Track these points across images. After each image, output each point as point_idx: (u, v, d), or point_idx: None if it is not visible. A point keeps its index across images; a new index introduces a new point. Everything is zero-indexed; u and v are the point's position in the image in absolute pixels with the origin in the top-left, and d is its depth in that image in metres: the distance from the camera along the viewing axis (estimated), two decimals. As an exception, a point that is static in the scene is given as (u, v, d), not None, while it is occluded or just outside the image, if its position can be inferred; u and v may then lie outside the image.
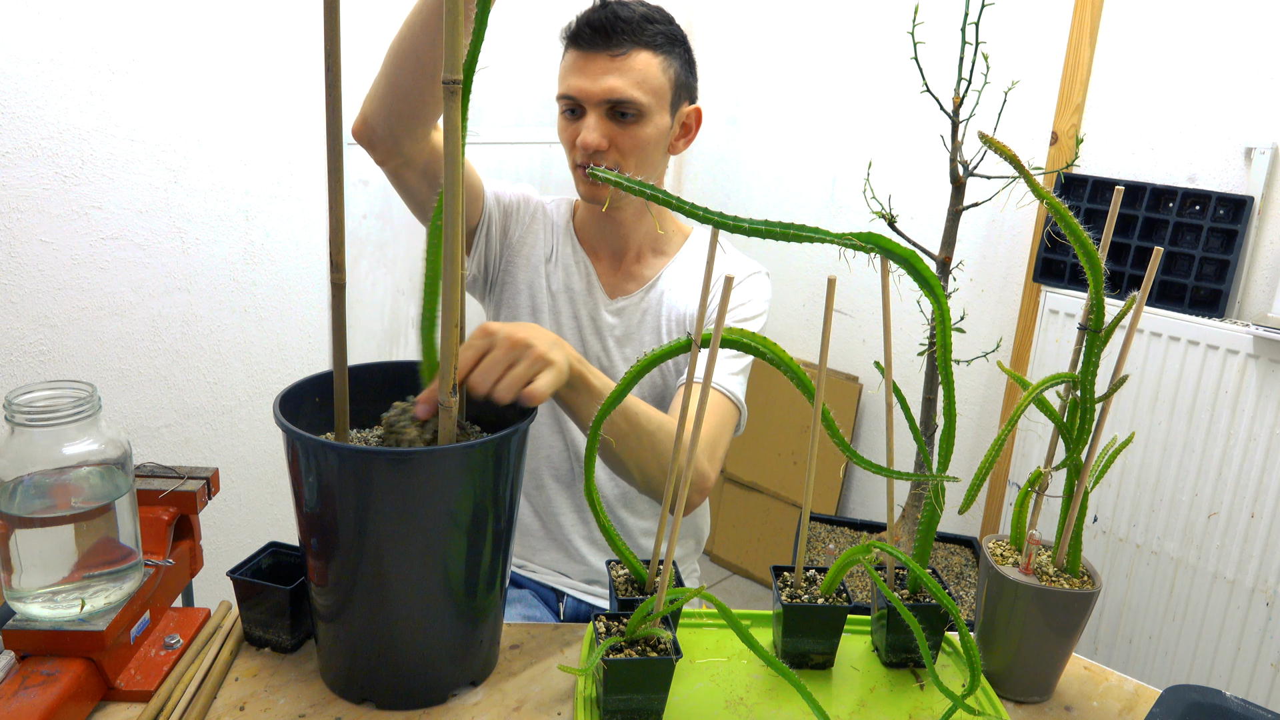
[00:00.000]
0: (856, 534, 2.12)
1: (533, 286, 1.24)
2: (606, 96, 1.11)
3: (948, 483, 0.78)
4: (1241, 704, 0.77)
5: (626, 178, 0.65)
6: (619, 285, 1.25)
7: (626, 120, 1.13)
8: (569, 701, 0.81)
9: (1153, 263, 0.76)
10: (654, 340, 1.22)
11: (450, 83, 0.67)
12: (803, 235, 0.65)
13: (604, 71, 1.11)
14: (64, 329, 1.61)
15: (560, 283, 1.24)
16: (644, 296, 1.23)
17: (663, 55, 1.14)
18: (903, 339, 2.31)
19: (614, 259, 1.26)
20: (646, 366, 0.76)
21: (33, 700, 0.69)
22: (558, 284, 1.24)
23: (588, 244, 1.27)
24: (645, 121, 1.14)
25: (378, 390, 0.86)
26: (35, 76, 1.49)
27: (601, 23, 1.11)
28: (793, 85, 2.53)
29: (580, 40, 1.13)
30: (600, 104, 1.12)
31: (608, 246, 1.26)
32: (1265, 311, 1.77)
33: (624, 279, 1.25)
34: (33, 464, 0.72)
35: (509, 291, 1.25)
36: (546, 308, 1.24)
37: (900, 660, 0.88)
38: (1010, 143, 0.77)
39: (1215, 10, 1.78)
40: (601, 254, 1.27)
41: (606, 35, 1.11)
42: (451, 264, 0.71)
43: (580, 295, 1.24)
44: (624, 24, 1.11)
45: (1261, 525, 1.74)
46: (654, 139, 1.15)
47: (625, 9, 1.12)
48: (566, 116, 1.16)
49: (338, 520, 0.74)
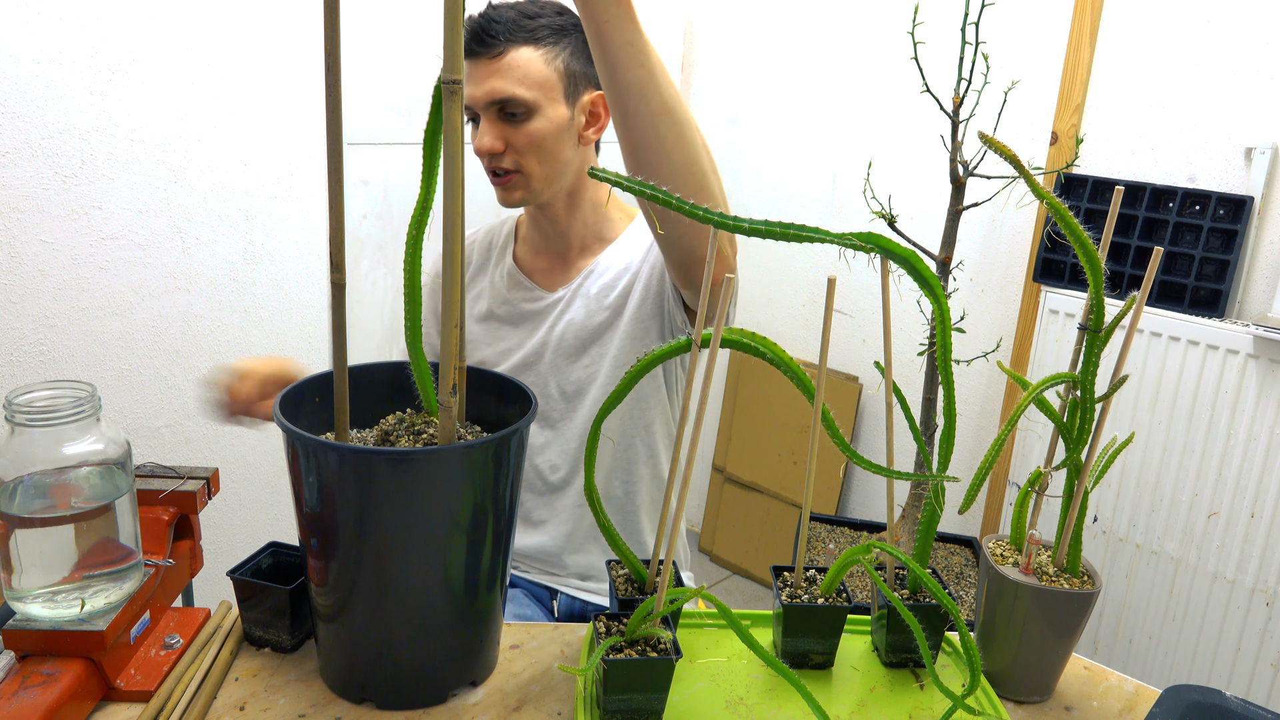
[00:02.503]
0: (856, 534, 2.12)
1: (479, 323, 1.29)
2: (490, 98, 1.12)
3: (948, 483, 0.78)
4: (1241, 704, 0.77)
5: (626, 177, 0.65)
6: (559, 280, 1.27)
7: (517, 119, 1.13)
8: (569, 701, 0.81)
9: (1153, 263, 0.76)
10: (584, 316, 1.22)
11: (450, 83, 0.67)
12: (803, 235, 0.65)
13: (486, 75, 1.12)
14: (64, 329, 1.61)
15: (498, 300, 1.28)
16: (582, 281, 1.24)
17: (546, 47, 1.13)
18: (903, 339, 2.31)
19: (559, 257, 1.28)
20: (647, 366, 0.76)
21: (33, 700, 0.69)
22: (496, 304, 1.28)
23: (532, 248, 1.29)
24: (536, 116, 1.13)
25: (378, 390, 0.86)
26: (35, 76, 1.49)
27: (476, 28, 1.12)
28: (793, 85, 2.53)
29: (468, 51, 1.13)
30: (488, 107, 1.13)
31: (551, 247, 1.28)
32: (1265, 311, 1.77)
33: (567, 272, 1.27)
34: (33, 464, 0.72)
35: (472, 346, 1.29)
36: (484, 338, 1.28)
37: (900, 660, 0.88)
38: (1010, 143, 0.77)
39: (1215, 10, 1.78)
40: (547, 254, 1.28)
41: (482, 40, 1.11)
42: (451, 264, 0.71)
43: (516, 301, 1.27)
44: (498, 25, 1.11)
45: (1261, 525, 1.74)
46: (551, 133, 1.15)
47: (501, 10, 1.13)
48: (471, 128, 1.17)
49: (338, 520, 0.74)
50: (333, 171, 0.71)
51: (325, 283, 1.98)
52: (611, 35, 0.86)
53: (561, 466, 1.25)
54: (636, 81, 0.88)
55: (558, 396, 1.24)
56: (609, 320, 1.21)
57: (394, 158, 2.01)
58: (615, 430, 1.23)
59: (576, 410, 1.24)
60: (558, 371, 1.24)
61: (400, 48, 2.00)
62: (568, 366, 1.23)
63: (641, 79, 0.88)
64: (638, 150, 0.91)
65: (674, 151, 0.91)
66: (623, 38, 0.86)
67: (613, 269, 1.23)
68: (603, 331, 1.21)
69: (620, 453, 1.24)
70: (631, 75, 0.87)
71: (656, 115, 0.89)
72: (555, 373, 1.24)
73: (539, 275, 1.28)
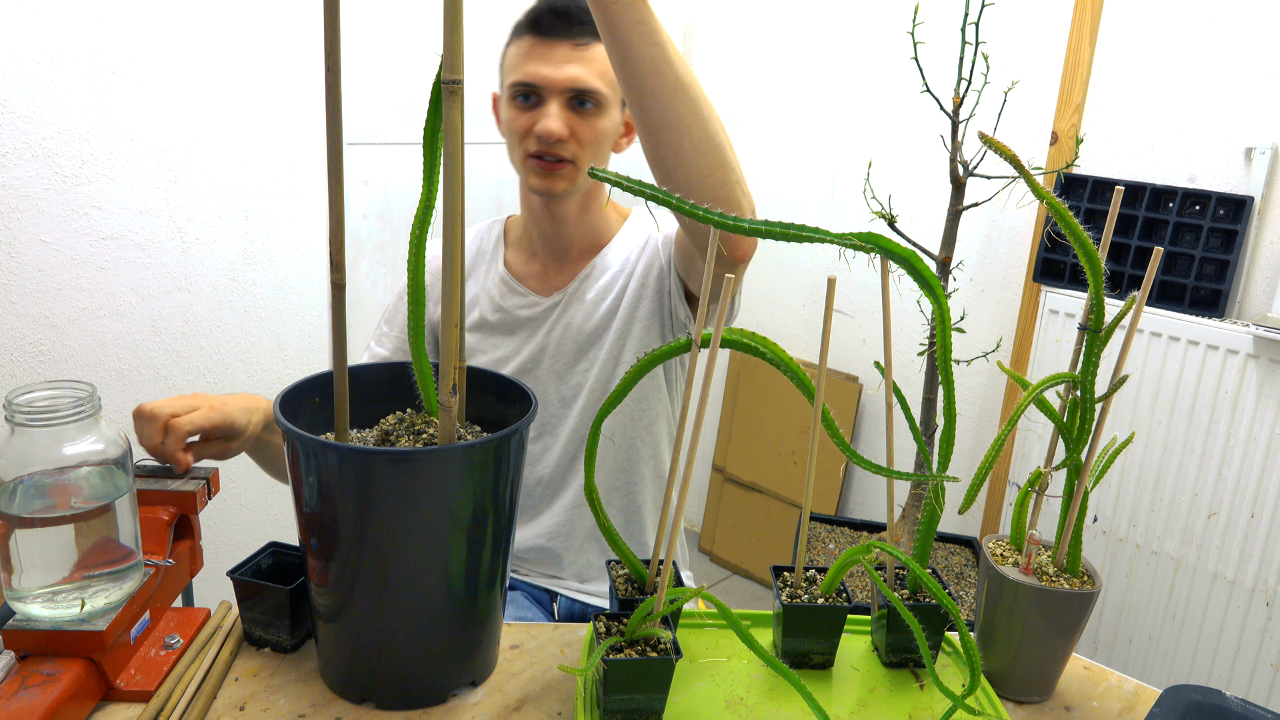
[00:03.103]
0: (856, 534, 2.12)
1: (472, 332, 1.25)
2: (571, 85, 1.10)
3: (948, 483, 0.78)
4: (1241, 704, 0.77)
5: (627, 178, 0.65)
6: (555, 284, 1.24)
7: (586, 111, 1.12)
8: (569, 701, 0.81)
9: (1153, 263, 0.76)
10: (581, 320, 1.21)
11: (450, 83, 0.67)
12: (803, 235, 0.65)
13: (567, 60, 1.10)
14: (64, 329, 1.61)
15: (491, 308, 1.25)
16: (579, 284, 1.22)
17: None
18: (903, 339, 2.31)
19: (555, 260, 1.25)
20: (647, 366, 0.76)
21: (33, 700, 0.69)
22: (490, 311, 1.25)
23: (525, 252, 1.26)
24: (603, 114, 1.13)
25: (378, 390, 0.86)
26: (35, 76, 1.49)
27: (566, 9, 1.09)
28: (792, 86, 2.53)
29: (541, 27, 1.10)
30: (563, 93, 1.10)
31: (547, 249, 1.25)
32: (1265, 311, 1.77)
33: (563, 275, 1.24)
34: (33, 464, 0.72)
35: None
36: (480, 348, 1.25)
37: (900, 660, 0.88)
38: (1010, 143, 0.77)
39: (1215, 10, 1.78)
40: (542, 257, 1.25)
41: (570, 23, 1.09)
42: (451, 264, 0.71)
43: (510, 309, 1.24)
44: (585, 14, 1.09)
45: (1261, 525, 1.74)
46: (609, 133, 1.14)
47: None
48: (518, 105, 1.13)
49: (338, 520, 0.74)
50: (333, 171, 0.71)
51: (325, 283, 1.98)
52: (623, 15, 0.86)
53: (561, 468, 1.25)
54: (650, 60, 0.87)
55: (556, 401, 1.23)
56: (606, 322, 1.20)
57: (394, 158, 2.01)
58: (617, 430, 1.23)
59: (572, 413, 1.23)
60: (556, 377, 1.23)
61: (400, 48, 2.00)
62: (566, 371, 1.22)
63: (655, 57, 0.87)
64: (656, 131, 0.90)
65: (693, 127, 0.90)
66: (635, 17, 0.86)
67: (609, 270, 1.21)
68: (601, 333, 1.20)
69: (623, 452, 1.24)
70: (645, 54, 0.87)
71: (673, 92, 0.88)
72: (554, 378, 1.23)
73: (532, 280, 1.25)
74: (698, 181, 0.91)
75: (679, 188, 0.92)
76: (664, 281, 1.18)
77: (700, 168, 0.91)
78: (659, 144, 0.91)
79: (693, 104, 0.89)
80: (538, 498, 1.26)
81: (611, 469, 1.24)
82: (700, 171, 0.91)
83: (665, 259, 1.18)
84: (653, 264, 1.19)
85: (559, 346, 1.22)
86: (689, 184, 0.91)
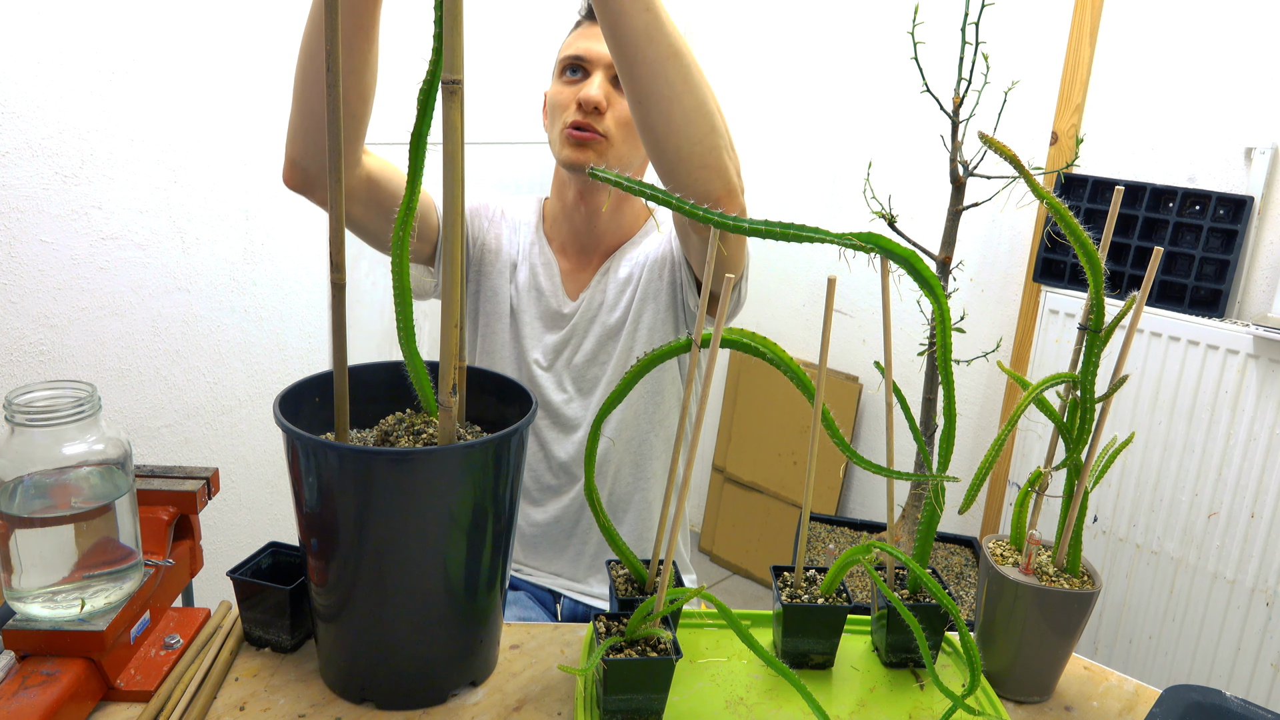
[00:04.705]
0: (856, 534, 2.12)
1: (503, 291, 1.24)
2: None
3: (948, 483, 0.78)
4: (1241, 704, 0.77)
5: (626, 178, 0.65)
6: (582, 280, 1.25)
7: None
8: (569, 701, 0.81)
9: (1153, 263, 0.76)
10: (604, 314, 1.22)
11: (450, 83, 0.67)
12: (803, 235, 0.65)
13: None
14: (64, 329, 1.61)
15: (528, 282, 1.24)
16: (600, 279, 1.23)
17: None
18: (903, 339, 2.31)
19: (582, 256, 1.25)
20: (647, 366, 0.76)
21: (33, 700, 0.69)
22: (526, 283, 1.24)
23: (556, 242, 1.26)
24: None
25: (378, 390, 0.86)
26: (35, 76, 1.49)
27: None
28: (792, 85, 2.53)
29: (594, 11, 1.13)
30: (608, 67, 1.13)
31: (577, 243, 1.25)
32: (1265, 311, 1.77)
33: (587, 271, 1.25)
34: (33, 464, 0.72)
35: (483, 298, 1.25)
36: (518, 308, 1.24)
37: (900, 660, 0.88)
38: (1010, 143, 0.77)
39: (1215, 10, 1.78)
40: (570, 251, 1.26)
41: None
42: (451, 264, 0.71)
43: (547, 294, 1.24)
44: None
45: (1261, 525, 1.74)
46: None
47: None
48: (566, 78, 1.16)
49: (338, 520, 0.74)
50: (333, 171, 0.71)
51: (325, 283, 1.98)
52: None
53: (573, 464, 1.25)
54: (644, 26, 0.87)
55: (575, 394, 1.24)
56: (622, 318, 1.21)
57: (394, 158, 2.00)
58: (629, 426, 1.23)
59: (590, 405, 1.24)
60: (575, 372, 1.24)
61: (400, 48, 2.00)
62: (585, 366, 1.23)
63: (649, 22, 0.87)
64: (648, 99, 0.90)
65: (684, 95, 0.90)
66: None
67: (626, 266, 1.23)
68: (619, 329, 1.22)
69: (633, 449, 1.24)
70: (639, 20, 0.87)
71: (665, 59, 0.88)
72: (570, 370, 1.24)
73: (565, 275, 1.26)
74: (687, 149, 0.91)
75: (668, 154, 0.92)
76: (676, 274, 1.19)
77: (690, 135, 0.91)
78: (649, 111, 0.91)
79: (685, 71, 0.89)
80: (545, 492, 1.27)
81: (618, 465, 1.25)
82: (690, 139, 0.91)
83: (676, 252, 1.19)
84: (665, 258, 1.20)
85: (581, 342, 1.23)
86: (678, 151, 0.91)
